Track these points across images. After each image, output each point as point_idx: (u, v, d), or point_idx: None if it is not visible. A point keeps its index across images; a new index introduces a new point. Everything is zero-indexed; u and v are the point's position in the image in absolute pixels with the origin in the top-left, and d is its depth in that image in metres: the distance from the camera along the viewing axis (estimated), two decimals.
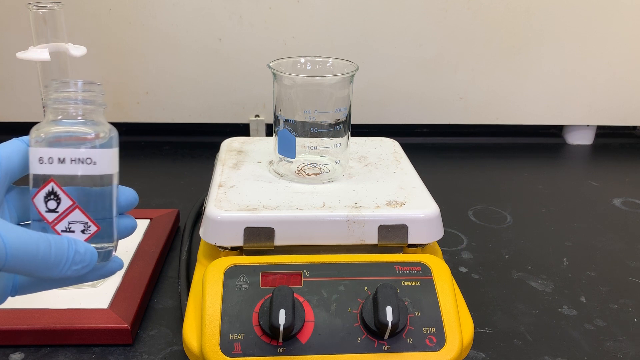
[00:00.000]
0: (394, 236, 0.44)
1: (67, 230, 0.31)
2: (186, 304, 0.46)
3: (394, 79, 0.92)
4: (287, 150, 0.49)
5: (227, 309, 0.39)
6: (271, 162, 0.53)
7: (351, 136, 0.52)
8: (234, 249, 0.44)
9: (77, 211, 0.31)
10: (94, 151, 0.31)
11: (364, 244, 0.45)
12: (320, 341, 0.38)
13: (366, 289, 0.41)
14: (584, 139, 1.02)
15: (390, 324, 0.37)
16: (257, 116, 0.93)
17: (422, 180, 0.51)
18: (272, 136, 0.52)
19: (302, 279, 0.41)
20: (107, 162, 0.31)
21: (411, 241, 0.45)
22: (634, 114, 0.97)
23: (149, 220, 0.64)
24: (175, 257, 0.61)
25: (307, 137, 0.49)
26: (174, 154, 0.92)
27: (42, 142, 0.30)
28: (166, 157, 0.91)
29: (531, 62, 0.92)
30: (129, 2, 0.84)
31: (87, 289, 0.51)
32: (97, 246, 0.32)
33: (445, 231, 0.47)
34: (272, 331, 0.37)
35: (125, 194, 0.34)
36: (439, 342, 0.39)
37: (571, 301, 0.55)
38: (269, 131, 0.95)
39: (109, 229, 0.32)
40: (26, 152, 0.31)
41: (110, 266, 0.34)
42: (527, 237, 0.68)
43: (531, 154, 0.97)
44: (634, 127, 1.10)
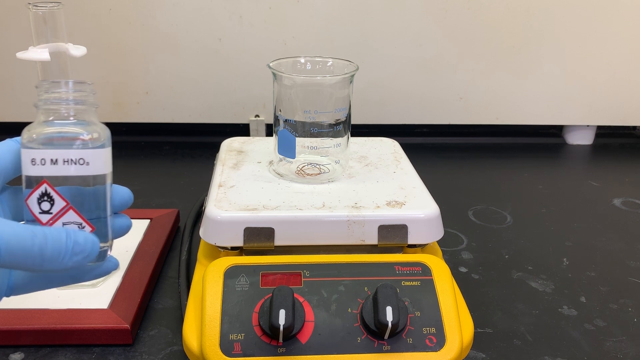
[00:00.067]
0: (394, 236, 0.44)
1: None
2: (186, 304, 0.46)
3: (394, 79, 0.92)
4: (287, 150, 0.49)
5: (227, 309, 0.39)
6: (271, 162, 0.53)
7: (351, 136, 0.52)
8: (234, 249, 0.44)
9: (71, 212, 0.31)
10: (86, 151, 0.30)
11: (364, 244, 0.45)
12: (320, 341, 0.38)
13: (366, 289, 0.41)
14: (584, 139, 1.02)
15: (390, 324, 0.37)
16: (257, 116, 0.93)
17: (422, 180, 0.51)
18: (272, 136, 0.52)
19: (302, 279, 0.41)
20: (100, 162, 0.31)
21: (411, 241, 0.45)
22: (634, 114, 0.97)
23: (149, 220, 0.64)
24: (175, 257, 0.61)
25: (307, 137, 0.49)
26: (174, 154, 0.92)
27: (34, 143, 0.30)
28: (166, 157, 0.91)
29: (531, 62, 0.92)
30: (129, 2, 0.84)
31: (87, 289, 0.51)
32: None
33: (445, 231, 0.47)
34: (272, 331, 0.37)
35: (119, 193, 0.34)
36: (439, 342, 0.39)
37: (571, 301, 0.55)
38: (269, 131, 0.95)
39: (103, 228, 0.32)
40: (19, 152, 0.31)
41: (105, 266, 0.34)
42: (527, 237, 0.68)
43: (531, 154, 0.97)
44: (634, 127, 1.10)
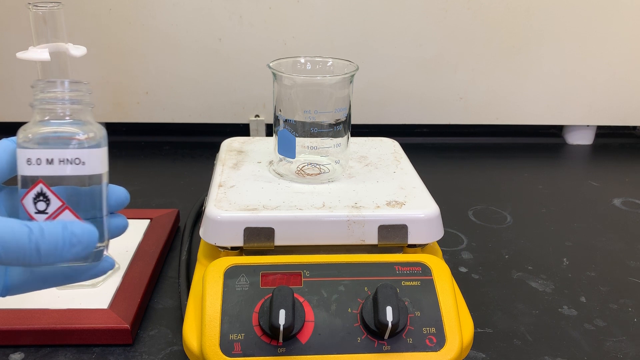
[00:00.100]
0: (394, 236, 0.44)
1: None
2: (186, 304, 0.46)
3: (394, 79, 0.92)
4: (287, 150, 0.49)
5: (227, 309, 0.39)
6: (271, 162, 0.53)
7: (351, 136, 0.52)
8: (234, 249, 0.44)
9: (67, 212, 0.31)
10: (82, 151, 0.30)
11: (364, 244, 0.45)
12: (320, 341, 0.38)
13: (366, 289, 0.41)
14: (584, 139, 1.02)
15: (390, 324, 0.37)
16: (257, 116, 0.93)
17: (422, 180, 0.51)
18: (272, 136, 0.52)
19: (302, 279, 0.41)
20: (96, 161, 0.31)
21: (411, 241, 0.45)
22: (634, 114, 0.97)
23: (149, 220, 0.64)
24: (175, 257, 0.61)
25: (307, 137, 0.49)
26: (174, 154, 0.92)
27: (29, 143, 0.30)
28: (166, 157, 0.91)
29: (531, 62, 0.92)
30: (129, 2, 0.84)
31: (87, 289, 0.51)
32: None
33: (445, 231, 0.47)
34: (272, 331, 0.37)
35: (116, 193, 0.34)
36: (439, 342, 0.39)
37: (571, 301, 0.55)
38: (269, 131, 0.95)
39: (99, 228, 0.32)
40: (15, 152, 0.31)
41: (102, 266, 0.33)
42: (527, 237, 0.68)
43: (531, 154, 0.97)
44: (634, 127, 1.10)
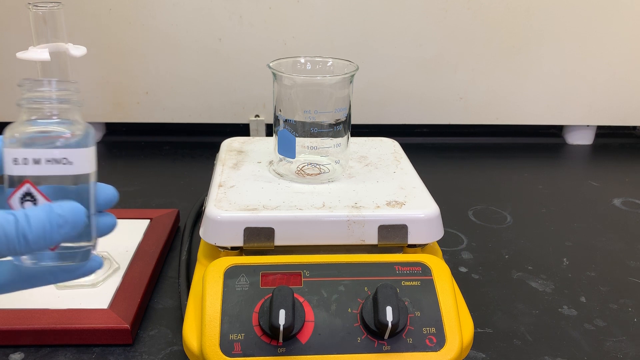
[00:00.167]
0: (394, 236, 0.44)
1: None
2: (186, 304, 0.46)
3: (394, 79, 0.92)
4: (287, 150, 0.49)
5: (227, 309, 0.39)
6: (271, 162, 0.53)
7: (351, 136, 0.52)
8: (234, 249, 0.44)
9: None
10: (70, 151, 0.30)
11: (364, 244, 0.45)
12: (320, 341, 0.38)
13: (366, 289, 0.41)
14: (584, 139, 1.02)
15: (390, 324, 0.37)
16: (257, 116, 0.93)
17: (422, 180, 0.51)
18: (272, 136, 0.52)
19: (302, 279, 0.41)
20: (84, 161, 0.31)
21: (411, 241, 0.45)
22: (634, 114, 0.97)
23: (149, 220, 0.64)
24: (175, 257, 0.61)
25: (307, 137, 0.49)
26: (174, 154, 0.92)
27: (16, 142, 0.30)
28: (166, 157, 0.91)
29: (531, 62, 0.92)
30: (129, 2, 0.84)
31: (87, 289, 0.51)
32: (75, 245, 0.31)
33: (445, 231, 0.47)
34: (272, 331, 0.37)
35: (104, 191, 0.33)
36: (439, 342, 0.39)
37: (571, 301, 0.55)
38: (269, 131, 0.95)
39: (86, 228, 0.31)
40: (1, 151, 0.31)
41: (89, 265, 0.33)
42: (527, 237, 0.68)
43: (531, 154, 0.97)
44: (634, 127, 1.10)
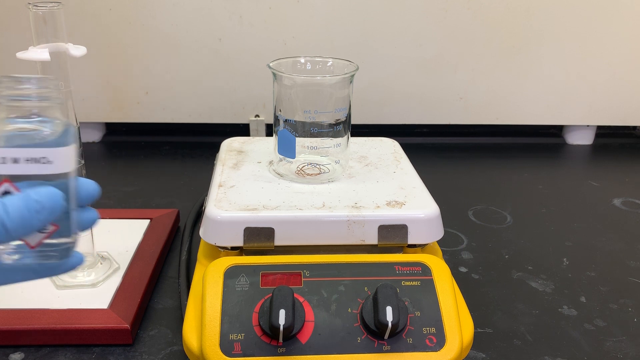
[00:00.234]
0: (394, 236, 0.44)
1: None
2: (186, 304, 0.46)
3: (394, 79, 0.92)
4: (287, 150, 0.49)
5: (227, 309, 0.39)
6: (271, 162, 0.53)
7: (351, 136, 0.52)
8: (234, 249, 0.44)
9: None
10: (49, 150, 0.29)
11: (364, 244, 0.45)
12: (320, 341, 0.38)
13: (366, 289, 0.41)
14: (584, 139, 1.02)
15: (390, 324, 0.37)
16: (257, 116, 0.93)
17: (422, 180, 0.51)
18: (272, 136, 0.52)
19: (302, 279, 0.41)
20: (64, 160, 0.30)
21: (411, 241, 0.45)
22: (634, 114, 0.97)
23: (149, 220, 0.64)
24: (175, 257, 0.61)
25: (307, 137, 0.49)
26: (174, 154, 0.92)
27: None
28: (166, 157, 0.91)
29: (531, 62, 0.92)
30: (129, 2, 0.84)
31: (87, 289, 0.51)
32: (55, 242, 0.31)
33: (445, 231, 0.47)
34: (272, 331, 0.37)
35: (85, 186, 0.33)
36: (439, 342, 0.39)
37: (571, 301, 0.55)
38: (269, 131, 0.95)
39: (67, 225, 0.31)
40: None
41: (70, 262, 0.33)
42: (527, 237, 0.68)
43: (531, 154, 0.97)
44: (634, 127, 1.10)
